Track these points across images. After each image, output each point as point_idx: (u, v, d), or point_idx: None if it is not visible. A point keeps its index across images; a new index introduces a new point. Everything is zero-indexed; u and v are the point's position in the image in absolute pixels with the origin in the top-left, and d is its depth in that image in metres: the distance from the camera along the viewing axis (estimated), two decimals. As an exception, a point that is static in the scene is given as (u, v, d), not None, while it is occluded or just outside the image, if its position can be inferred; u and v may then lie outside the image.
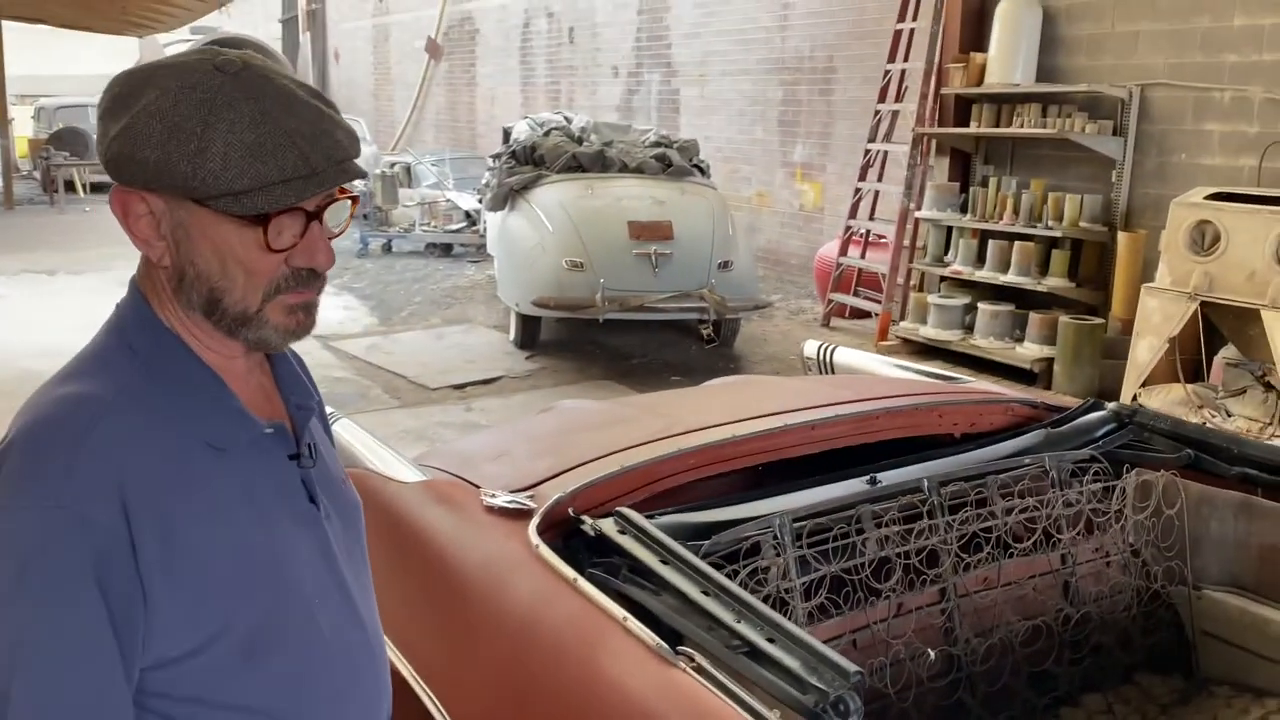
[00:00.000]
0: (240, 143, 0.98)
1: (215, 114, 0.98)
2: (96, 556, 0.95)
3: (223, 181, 0.98)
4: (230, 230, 1.01)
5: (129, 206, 1.03)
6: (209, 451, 1.04)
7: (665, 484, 2.02)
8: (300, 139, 1.00)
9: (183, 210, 1.01)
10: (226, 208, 0.99)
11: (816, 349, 3.35)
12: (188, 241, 1.02)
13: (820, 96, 9.91)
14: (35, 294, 9.38)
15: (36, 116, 18.88)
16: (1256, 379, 5.11)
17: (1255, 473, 2.24)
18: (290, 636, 1.07)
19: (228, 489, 1.04)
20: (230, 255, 1.02)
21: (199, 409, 1.05)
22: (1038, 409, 2.57)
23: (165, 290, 1.06)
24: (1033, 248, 6.77)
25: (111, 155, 1.00)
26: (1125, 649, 2.28)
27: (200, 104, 0.98)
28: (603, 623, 1.52)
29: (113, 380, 1.03)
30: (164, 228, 1.03)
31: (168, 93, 0.99)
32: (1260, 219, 5.02)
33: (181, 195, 1.00)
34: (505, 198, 7.81)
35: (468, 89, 16.65)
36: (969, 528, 2.09)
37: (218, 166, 0.97)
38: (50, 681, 0.93)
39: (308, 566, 1.11)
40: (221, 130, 0.97)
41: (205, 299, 1.04)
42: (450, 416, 6.05)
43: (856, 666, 1.31)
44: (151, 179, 0.99)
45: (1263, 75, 5.85)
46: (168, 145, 0.97)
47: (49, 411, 1.00)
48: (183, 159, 0.97)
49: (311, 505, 1.14)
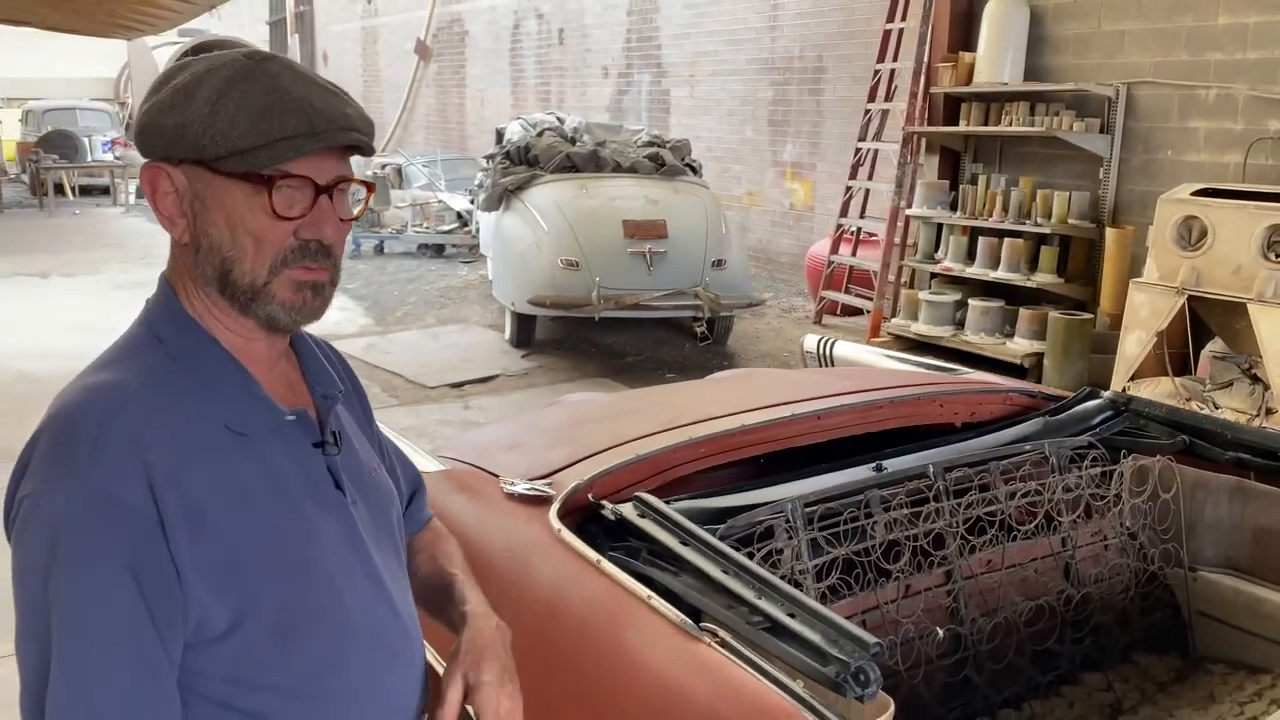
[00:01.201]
0: (250, 105, 1.03)
1: (232, 85, 1.04)
2: (127, 536, 0.98)
3: (229, 139, 1.03)
4: (240, 197, 1.05)
5: (156, 183, 1.08)
6: (231, 436, 1.07)
7: (678, 471, 2.08)
8: (308, 105, 1.05)
9: (200, 182, 1.06)
10: (233, 167, 1.04)
11: (816, 343, 3.41)
12: (204, 212, 1.07)
13: (810, 96, 9.98)
14: (27, 297, 9.36)
15: (24, 119, 18.79)
16: (1243, 371, 5.20)
17: (1248, 457, 2.31)
18: (318, 618, 1.09)
19: (250, 472, 1.07)
20: (240, 223, 1.06)
21: (221, 394, 1.08)
22: (1035, 398, 2.63)
23: (188, 274, 1.11)
24: (1022, 244, 6.85)
25: (139, 127, 1.07)
26: (1124, 629, 2.35)
27: (223, 79, 1.05)
28: (627, 601, 1.57)
29: (139, 367, 1.06)
30: (185, 203, 1.08)
31: (196, 73, 1.06)
32: (1246, 214, 5.11)
33: (194, 160, 1.05)
34: (500, 198, 7.85)
35: (457, 90, 16.67)
36: (973, 512, 2.15)
37: (225, 125, 1.03)
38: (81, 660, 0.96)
39: (333, 551, 1.13)
40: (234, 96, 1.03)
41: (218, 270, 1.08)
42: (449, 414, 6.09)
43: (875, 638, 1.37)
44: (169, 145, 1.05)
45: (1247, 73, 5.94)
46: (185, 111, 1.04)
47: (76, 398, 1.04)
48: (196, 120, 1.03)
49: (338, 491, 1.16)
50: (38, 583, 0.97)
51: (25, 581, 0.99)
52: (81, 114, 18.48)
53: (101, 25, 12.54)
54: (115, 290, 9.59)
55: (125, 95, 21.58)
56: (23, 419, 5.35)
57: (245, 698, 1.05)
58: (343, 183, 1.10)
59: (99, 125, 18.19)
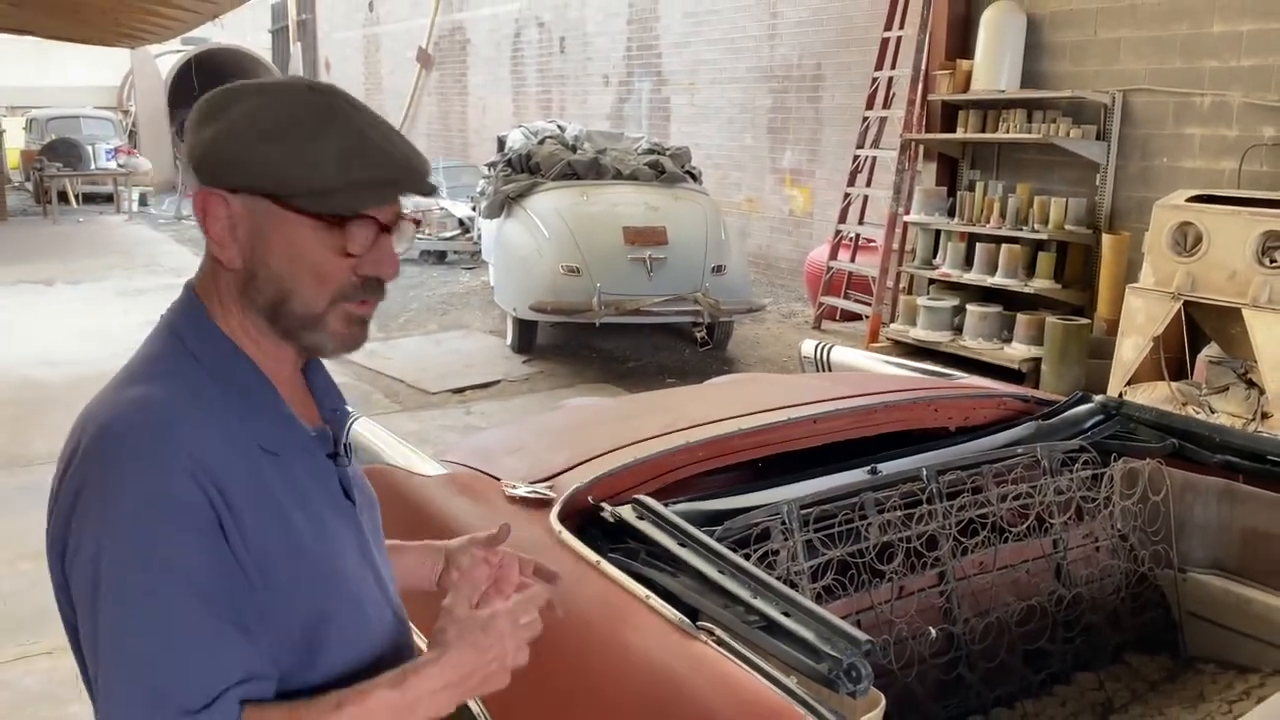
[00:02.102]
0: (335, 147, 1.05)
1: (307, 120, 1.06)
2: (199, 536, 1.00)
3: (314, 180, 1.05)
4: (307, 232, 1.07)
5: (210, 208, 1.08)
6: (264, 455, 1.09)
7: (676, 475, 2.12)
8: (388, 152, 1.08)
9: (262, 213, 1.07)
10: (312, 207, 1.06)
11: (814, 348, 3.45)
12: (263, 243, 1.08)
13: (809, 104, 10.04)
14: (33, 304, 9.41)
15: (28, 128, 18.88)
16: (1239, 376, 5.24)
17: (1237, 460, 2.35)
18: (344, 627, 1.13)
19: (282, 490, 1.09)
20: (303, 257, 1.08)
21: (255, 414, 1.10)
22: (1028, 403, 2.67)
23: (229, 294, 1.11)
24: (1019, 250, 6.90)
25: (202, 156, 1.06)
26: (1115, 629, 2.39)
27: (293, 116, 1.06)
28: (626, 601, 1.61)
29: (180, 384, 1.07)
30: (240, 230, 1.08)
31: (265, 101, 1.07)
32: (1241, 220, 5.15)
33: (266, 195, 1.06)
34: (502, 205, 7.91)
35: (459, 98, 16.74)
36: (966, 514, 2.19)
37: (307, 166, 1.04)
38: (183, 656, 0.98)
39: (353, 561, 1.17)
40: (311, 134, 1.05)
41: (271, 300, 1.09)
42: (450, 420, 6.13)
43: (867, 636, 1.41)
44: (242, 178, 1.05)
45: (1241, 80, 5.99)
46: (263, 145, 1.04)
47: (125, 413, 1.04)
48: (275, 156, 1.04)
49: (348, 501, 1.21)
50: (118, 601, 0.98)
51: (101, 599, 0.99)
52: (85, 122, 18.57)
53: (105, 34, 12.61)
54: (119, 298, 9.65)
55: (128, 103, 21.68)
56: (28, 425, 5.41)
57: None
58: (400, 220, 1.14)
59: (102, 133, 18.28)
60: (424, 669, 1.09)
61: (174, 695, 0.96)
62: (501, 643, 1.13)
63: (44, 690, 3.21)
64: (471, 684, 1.12)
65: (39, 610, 3.59)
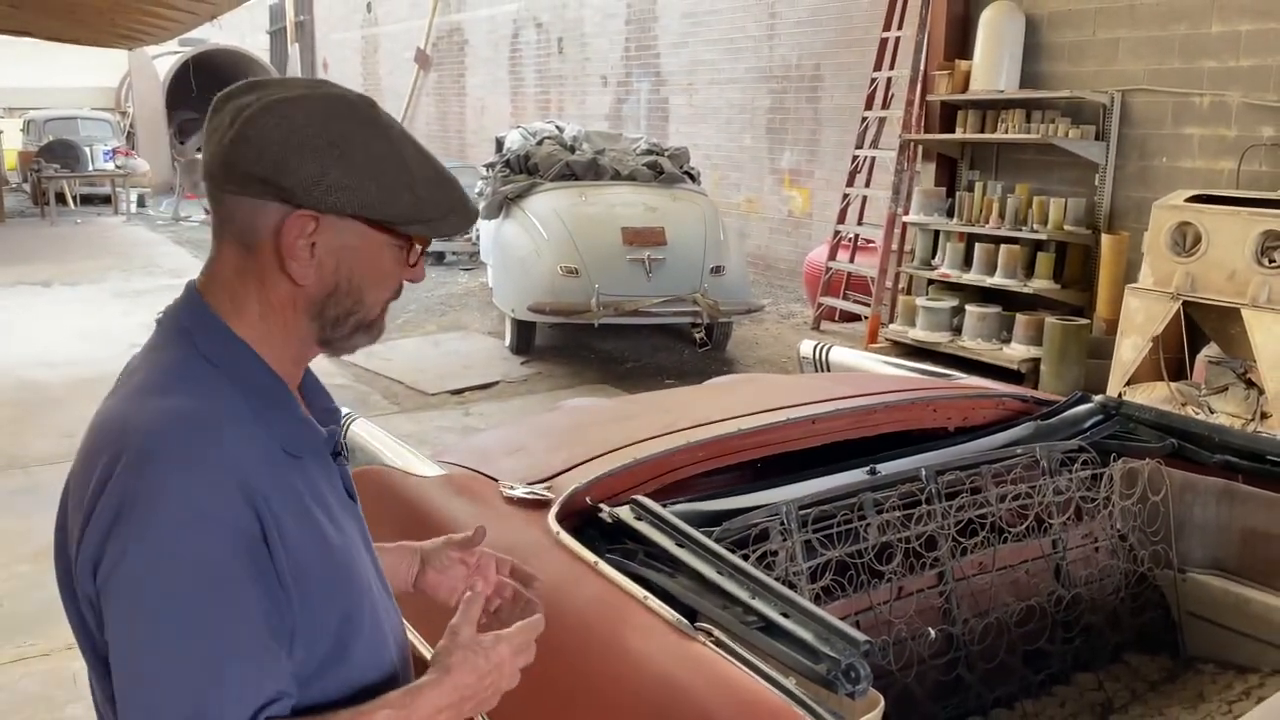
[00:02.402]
0: (425, 176, 1.13)
1: (400, 149, 1.11)
2: (247, 556, 1.01)
3: (426, 210, 1.12)
4: (389, 250, 1.14)
5: (304, 230, 1.08)
6: (288, 459, 1.10)
7: (675, 476, 2.12)
8: (452, 181, 1.17)
9: (349, 232, 1.10)
10: (419, 232, 1.14)
11: (812, 348, 3.45)
12: (351, 261, 1.12)
13: (808, 104, 10.04)
14: (31, 305, 9.41)
15: (26, 129, 18.87)
16: (1238, 376, 5.24)
17: (1236, 460, 2.35)
18: (365, 625, 1.16)
19: (307, 492, 1.11)
20: (380, 272, 1.15)
21: (277, 418, 1.11)
22: (1027, 403, 2.67)
23: (279, 304, 1.11)
24: (1018, 250, 6.89)
25: (329, 183, 1.06)
26: (1114, 629, 2.39)
27: (389, 140, 1.11)
28: (624, 602, 1.61)
29: (205, 393, 1.07)
30: (318, 249, 1.10)
31: (359, 128, 1.10)
32: (1240, 220, 5.15)
33: (362, 218, 1.09)
34: (500, 206, 7.90)
35: (457, 99, 16.73)
36: (965, 514, 2.19)
37: (427, 196, 1.12)
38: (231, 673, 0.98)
39: (363, 559, 1.20)
40: (415, 165, 1.12)
41: (344, 311, 1.14)
42: (449, 421, 6.13)
43: (866, 636, 1.40)
44: (367, 205, 1.09)
45: (1240, 80, 5.99)
46: (384, 177, 1.09)
47: (168, 426, 1.03)
48: (403, 189, 1.10)
49: (350, 499, 1.23)
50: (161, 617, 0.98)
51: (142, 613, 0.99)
52: (83, 123, 18.55)
53: (102, 35, 12.61)
54: (117, 299, 9.64)
55: (126, 104, 21.66)
56: (25, 426, 5.40)
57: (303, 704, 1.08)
58: None
59: (100, 134, 18.26)
60: (426, 690, 1.12)
61: (216, 713, 0.97)
62: (499, 670, 1.17)
63: (42, 692, 3.20)
64: (467, 707, 1.15)
65: (37, 612, 3.59)
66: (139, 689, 0.99)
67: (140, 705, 0.98)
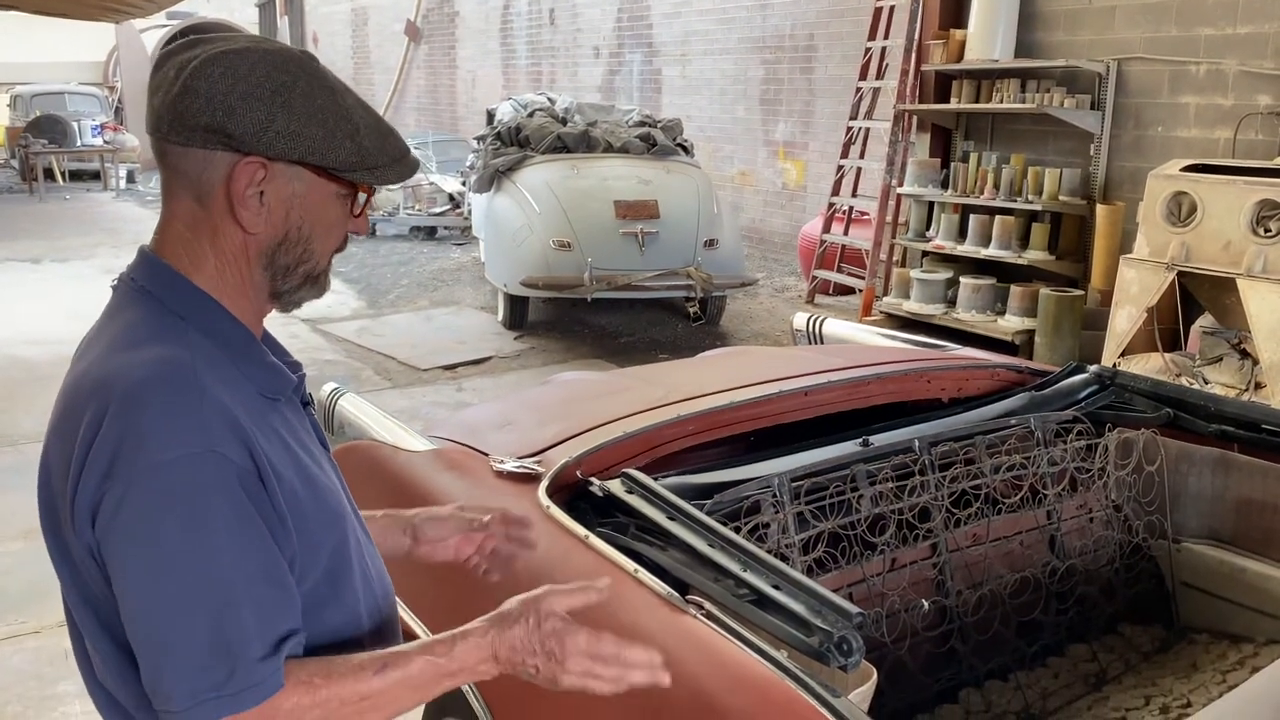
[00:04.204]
0: (369, 124, 1.14)
1: (340, 98, 1.12)
2: (245, 490, 1.03)
3: (370, 158, 1.13)
4: (334, 199, 1.15)
5: (252, 177, 1.09)
6: (265, 402, 1.13)
7: (667, 449, 2.10)
8: (393, 129, 1.18)
9: (298, 180, 1.11)
10: (364, 179, 1.14)
11: (805, 320, 3.42)
12: (300, 209, 1.13)
13: (801, 75, 9.96)
14: (21, 282, 9.33)
15: (13, 104, 18.66)
16: (1232, 346, 5.23)
17: (1232, 429, 2.33)
18: (350, 561, 1.18)
19: (285, 433, 1.14)
20: (327, 221, 1.15)
21: (250, 365, 1.13)
22: (1022, 373, 2.65)
23: (233, 255, 1.12)
24: (1013, 222, 6.86)
25: (276, 130, 1.07)
26: (1109, 600, 2.38)
27: (328, 90, 1.11)
28: (614, 575, 1.59)
29: (180, 342, 1.07)
30: (268, 197, 1.10)
31: (300, 78, 1.10)
32: (1235, 189, 5.12)
33: (310, 165, 1.10)
34: (491, 179, 7.84)
35: (448, 71, 16.59)
36: (959, 486, 2.17)
37: (369, 145, 1.12)
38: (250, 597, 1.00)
39: (345, 499, 1.23)
40: (357, 113, 1.13)
41: (293, 260, 1.14)
42: (442, 396, 6.10)
43: (858, 609, 1.39)
44: (311, 152, 1.09)
45: (1237, 48, 5.94)
46: (328, 124, 1.10)
47: (150, 371, 1.03)
48: (346, 137, 1.11)
49: (322, 447, 1.26)
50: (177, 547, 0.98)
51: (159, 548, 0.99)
52: (70, 98, 18.34)
53: (89, 9, 12.45)
54: (108, 275, 9.42)
55: (114, 79, 21.43)
56: (14, 404, 5.36)
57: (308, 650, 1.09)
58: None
59: (88, 109, 18.06)
60: (474, 637, 1.12)
61: (240, 645, 0.99)
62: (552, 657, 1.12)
63: (32, 669, 3.19)
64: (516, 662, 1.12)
65: (27, 590, 3.57)
66: (156, 628, 0.99)
67: (159, 645, 0.99)
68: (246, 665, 0.98)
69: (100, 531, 1.01)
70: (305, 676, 1.02)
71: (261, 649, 1.00)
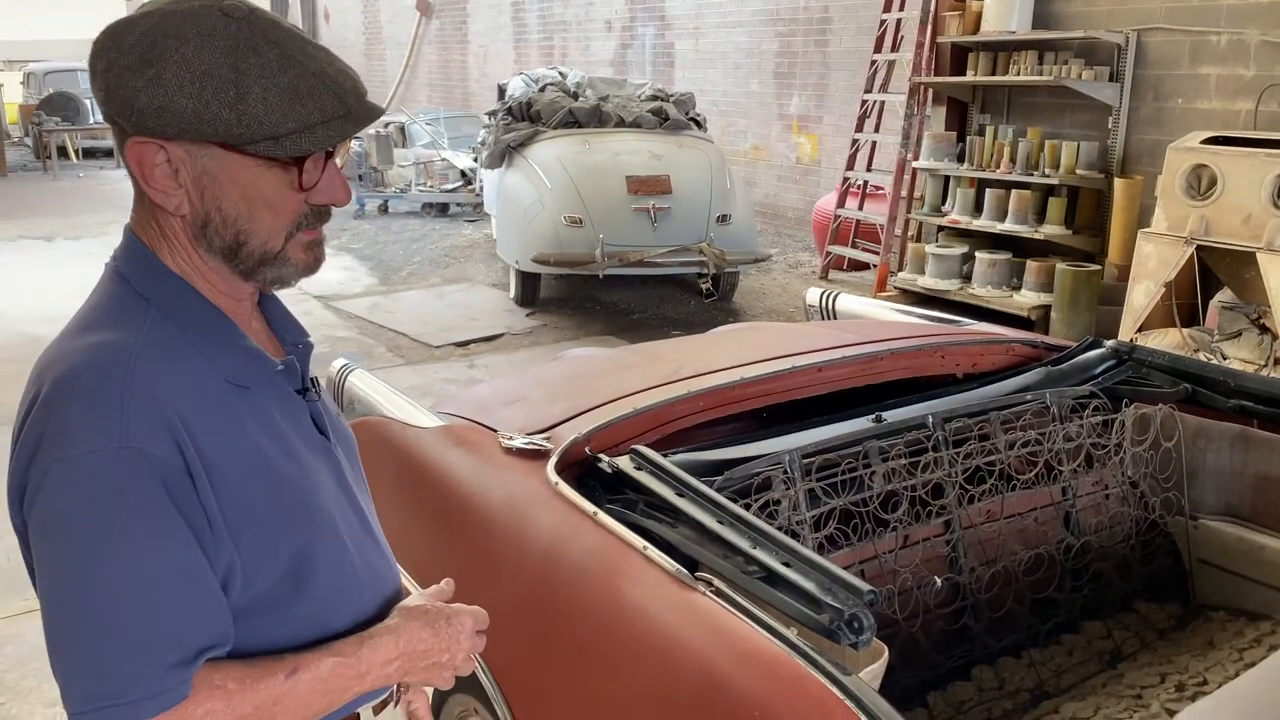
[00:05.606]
0: (276, 86, 1.00)
1: (243, 59, 1.00)
2: (170, 489, 0.98)
3: (266, 126, 1.00)
4: (260, 173, 1.03)
5: (145, 157, 1.02)
6: (232, 389, 1.06)
7: (677, 425, 2.08)
8: (328, 79, 1.03)
9: (208, 157, 1.02)
10: (267, 151, 1.01)
11: (819, 296, 3.39)
12: (214, 188, 1.04)
13: (816, 48, 9.85)
14: (34, 260, 9.37)
15: (26, 82, 18.69)
16: (1251, 321, 5.16)
17: (1251, 404, 2.29)
18: (327, 562, 1.11)
19: (253, 424, 1.07)
20: (259, 198, 1.05)
21: (217, 350, 1.07)
22: (1038, 348, 2.62)
23: (178, 237, 1.07)
24: (1029, 196, 6.78)
25: (140, 107, 1.00)
26: (1124, 577, 2.36)
27: (226, 51, 0.99)
28: (623, 552, 1.58)
29: (133, 326, 1.04)
30: (183, 176, 1.03)
31: (187, 41, 0.99)
32: (1257, 162, 5.04)
33: (212, 142, 1.01)
34: (502, 155, 7.80)
35: (460, 47, 16.49)
36: (973, 462, 2.15)
37: (260, 111, 1.00)
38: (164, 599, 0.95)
39: (329, 494, 1.15)
40: (254, 75, 1.00)
41: (230, 243, 1.06)
42: (454, 373, 6.10)
43: (870, 586, 1.37)
44: (186, 128, 1.00)
45: (1259, 17, 5.83)
46: (204, 93, 0.98)
47: (84, 358, 1.01)
48: (222, 106, 0.99)
49: (321, 436, 1.19)
50: (86, 544, 0.95)
51: (68, 544, 0.96)
52: (82, 76, 18.25)
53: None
54: (121, 253, 9.59)
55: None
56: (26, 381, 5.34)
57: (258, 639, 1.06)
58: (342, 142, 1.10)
59: (100, 87, 18.07)
60: (380, 637, 1.12)
61: (145, 652, 0.94)
62: (458, 639, 1.17)
63: (49, 644, 3.21)
64: (420, 665, 1.15)
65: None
66: (56, 626, 0.95)
67: (59, 643, 0.95)
68: (152, 673, 0.94)
69: (25, 514, 1.00)
70: (220, 681, 0.98)
71: (173, 656, 0.95)
